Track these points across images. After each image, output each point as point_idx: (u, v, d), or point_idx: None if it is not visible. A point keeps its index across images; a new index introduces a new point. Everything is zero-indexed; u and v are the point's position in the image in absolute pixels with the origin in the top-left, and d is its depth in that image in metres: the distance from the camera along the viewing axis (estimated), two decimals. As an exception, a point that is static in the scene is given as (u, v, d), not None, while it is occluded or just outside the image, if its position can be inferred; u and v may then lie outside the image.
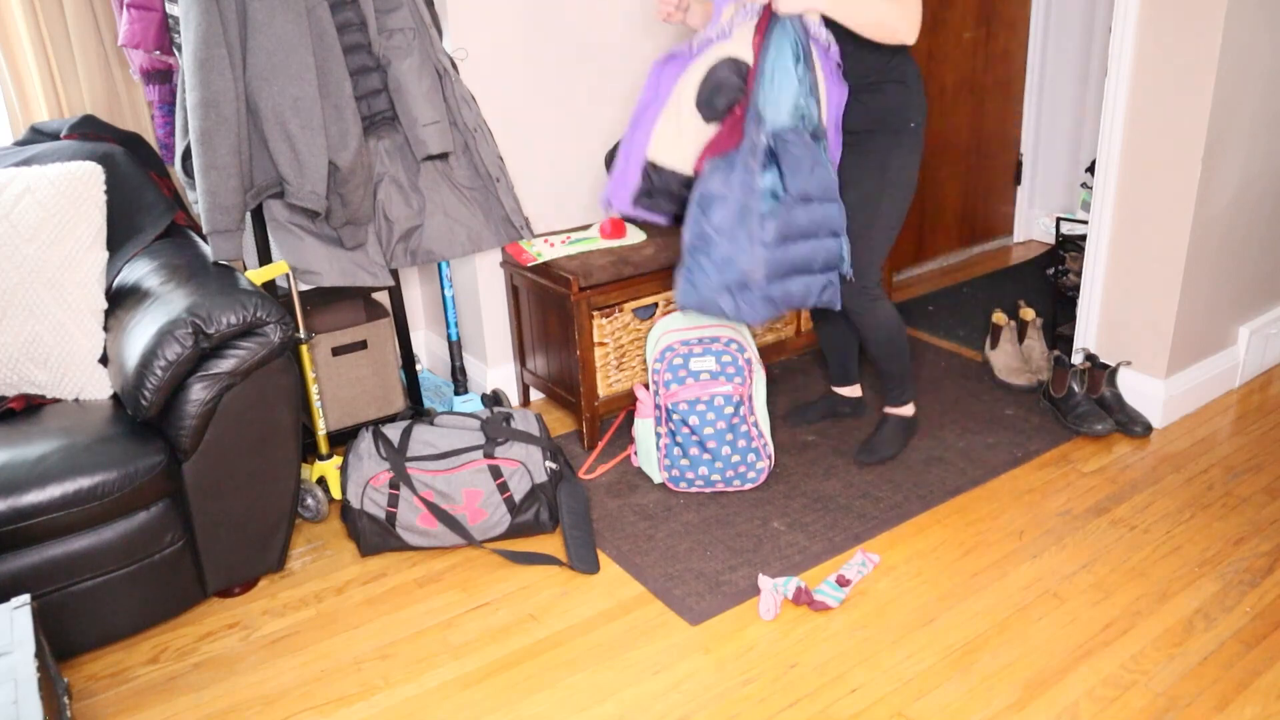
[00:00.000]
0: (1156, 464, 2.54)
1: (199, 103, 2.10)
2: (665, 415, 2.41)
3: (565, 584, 2.18)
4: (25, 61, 2.50)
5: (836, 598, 2.05)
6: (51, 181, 2.09)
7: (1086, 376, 2.72)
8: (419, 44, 2.36)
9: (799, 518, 2.37)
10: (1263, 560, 2.14)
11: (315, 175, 2.25)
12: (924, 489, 2.46)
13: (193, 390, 1.92)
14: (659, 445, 2.45)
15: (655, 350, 2.43)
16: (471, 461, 2.23)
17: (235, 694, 1.89)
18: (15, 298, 2.04)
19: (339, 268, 2.47)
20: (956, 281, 3.93)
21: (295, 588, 2.20)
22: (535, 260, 2.65)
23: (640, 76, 2.98)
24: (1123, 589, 2.07)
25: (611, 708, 1.81)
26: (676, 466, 2.43)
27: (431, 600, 2.14)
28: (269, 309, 1.97)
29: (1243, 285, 2.83)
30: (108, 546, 1.88)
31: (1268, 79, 2.54)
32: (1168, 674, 1.82)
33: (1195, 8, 2.35)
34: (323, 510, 2.44)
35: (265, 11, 2.12)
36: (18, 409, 2.05)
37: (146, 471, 1.88)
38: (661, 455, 2.45)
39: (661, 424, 2.44)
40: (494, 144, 2.52)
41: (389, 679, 1.92)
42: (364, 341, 2.68)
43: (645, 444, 2.52)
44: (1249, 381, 2.98)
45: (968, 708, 1.77)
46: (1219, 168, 2.52)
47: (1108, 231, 2.70)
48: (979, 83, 3.93)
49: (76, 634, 1.91)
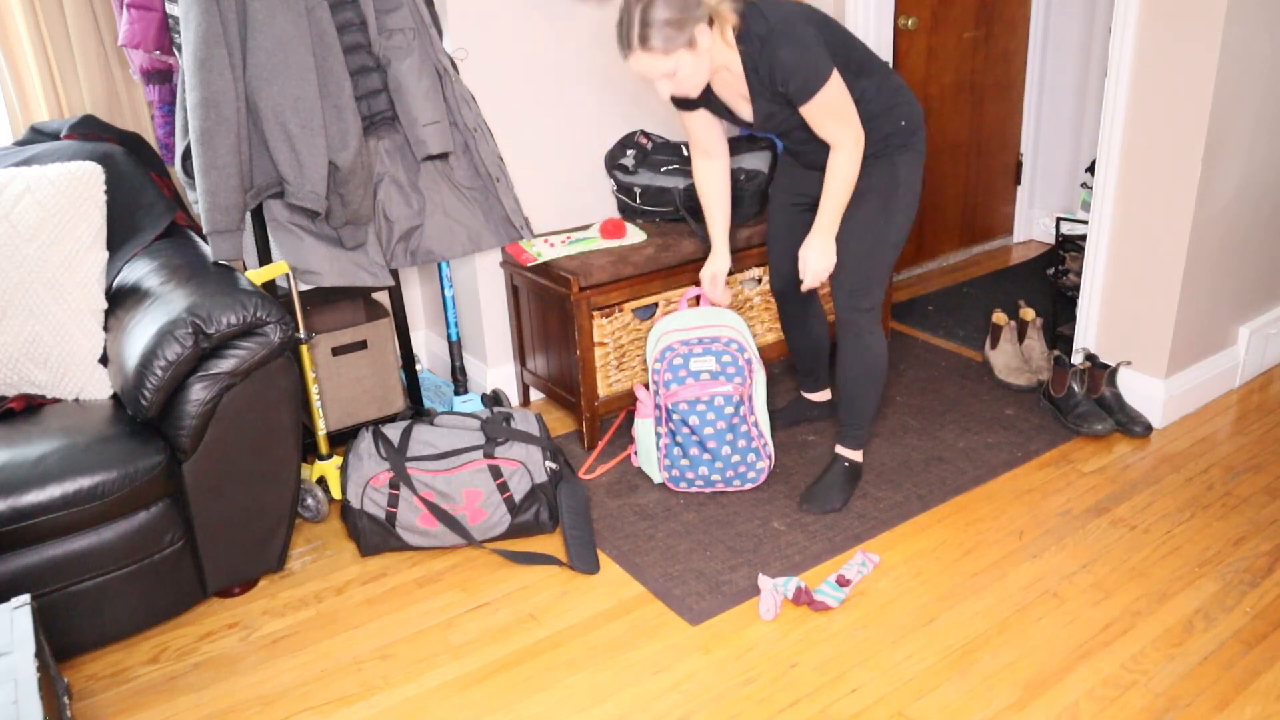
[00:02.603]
0: (1156, 464, 2.54)
1: (199, 103, 2.10)
2: (665, 415, 2.41)
3: (565, 584, 2.18)
4: (25, 61, 2.50)
5: (836, 598, 2.05)
6: (51, 181, 2.09)
7: (1086, 376, 2.72)
8: (419, 44, 2.36)
9: (799, 518, 2.37)
10: (1263, 560, 2.14)
11: (315, 175, 2.25)
12: (924, 489, 2.46)
13: (193, 390, 1.92)
14: (659, 445, 2.45)
15: (655, 350, 2.42)
16: (471, 461, 2.23)
17: (235, 694, 1.89)
18: (15, 298, 2.04)
19: (339, 268, 2.47)
20: (956, 281, 3.93)
21: (295, 588, 2.20)
22: (535, 260, 2.65)
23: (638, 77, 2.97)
24: (1123, 589, 2.07)
25: (611, 708, 1.81)
26: (676, 466, 2.43)
27: (431, 600, 2.14)
28: (269, 309, 1.97)
29: (1243, 285, 2.83)
30: (108, 546, 1.88)
31: (1268, 79, 2.54)
32: (1168, 674, 1.82)
33: (1195, 8, 2.35)
34: (323, 510, 2.44)
35: (265, 11, 2.12)
36: (18, 409, 2.05)
37: (146, 471, 1.88)
38: (661, 455, 2.45)
39: (662, 424, 2.44)
40: (494, 144, 2.52)
41: (389, 679, 1.92)
42: (364, 341, 2.68)
43: (645, 444, 2.52)
44: (1249, 381, 2.98)
45: (968, 708, 1.77)
46: (1219, 168, 2.52)
47: (1108, 231, 2.70)
48: (979, 83, 3.93)
49: (76, 634, 1.91)
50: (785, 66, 2.03)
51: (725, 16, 2.02)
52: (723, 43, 2.07)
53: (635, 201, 2.89)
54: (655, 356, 2.41)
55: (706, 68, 2.07)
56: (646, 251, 2.67)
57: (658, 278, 2.66)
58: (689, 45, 2.00)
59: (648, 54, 2.00)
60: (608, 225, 2.76)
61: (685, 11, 1.96)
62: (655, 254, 2.67)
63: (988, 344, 3.12)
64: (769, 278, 2.39)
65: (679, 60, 2.01)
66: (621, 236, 2.76)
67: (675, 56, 2.00)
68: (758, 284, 2.88)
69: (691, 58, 2.02)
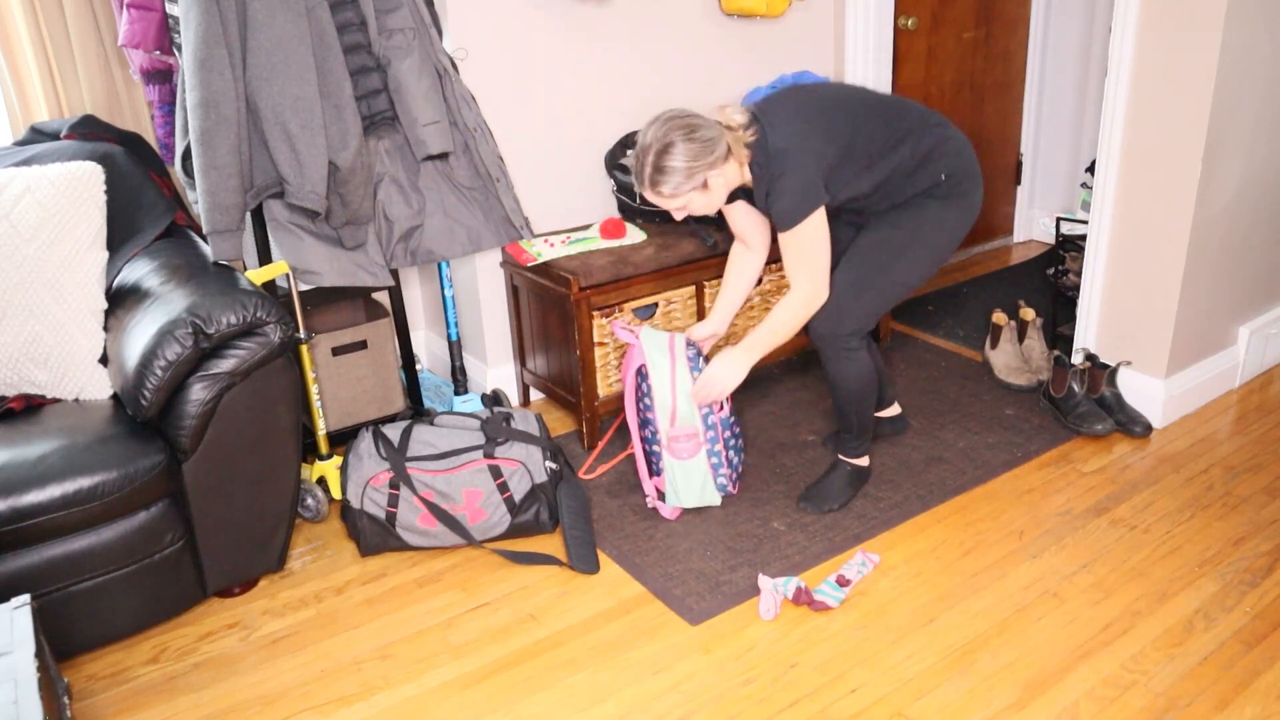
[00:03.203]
0: (1156, 464, 2.54)
1: (199, 103, 2.10)
2: (719, 431, 2.33)
3: (565, 584, 2.18)
4: (25, 61, 2.50)
5: (836, 598, 2.05)
6: (51, 181, 2.09)
7: (1086, 376, 2.72)
8: (419, 44, 2.36)
9: (799, 518, 2.37)
10: (1263, 560, 2.14)
11: (315, 175, 2.25)
12: (924, 489, 2.46)
13: (193, 390, 1.92)
14: (712, 464, 2.34)
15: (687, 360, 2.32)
16: (471, 461, 2.23)
17: (235, 694, 1.89)
18: (15, 298, 2.04)
19: (339, 268, 2.47)
20: (956, 281, 3.93)
21: (295, 588, 2.20)
22: (535, 260, 2.65)
23: (639, 76, 2.98)
24: (1123, 589, 2.07)
25: (611, 708, 1.81)
26: (732, 466, 2.40)
27: (431, 600, 2.14)
28: (269, 309, 1.97)
29: (1243, 285, 2.83)
30: (108, 546, 1.88)
31: (1268, 79, 2.54)
32: (1168, 674, 1.82)
33: (1195, 8, 2.35)
34: (323, 510, 2.44)
35: (265, 11, 2.12)
36: (18, 409, 2.05)
37: (146, 471, 1.88)
38: (724, 467, 2.36)
39: (718, 441, 2.33)
40: (494, 144, 2.52)
41: (389, 679, 1.92)
42: (364, 341, 2.68)
43: (691, 479, 2.34)
44: (1249, 381, 2.98)
45: (968, 708, 1.77)
46: (1219, 168, 2.52)
47: (1108, 231, 2.70)
48: (979, 83, 3.93)
49: (76, 634, 1.91)
50: (777, 190, 2.08)
51: (737, 147, 2.09)
52: (739, 170, 2.14)
53: (635, 201, 2.89)
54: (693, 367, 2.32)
55: (720, 198, 2.15)
56: (646, 251, 2.67)
57: (658, 278, 2.66)
58: (700, 188, 2.09)
59: (656, 195, 2.11)
60: (608, 225, 2.76)
61: (698, 159, 2.04)
62: (655, 254, 2.67)
63: (988, 344, 3.12)
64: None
65: (689, 199, 2.11)
66: (621, 236, 2.76)
67: (685, 197, 2.10)
68: (758, 284, 2.88)
69: (703, 198, 2.12)
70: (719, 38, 3.10)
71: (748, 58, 3.18)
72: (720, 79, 3.15)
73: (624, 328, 2.39)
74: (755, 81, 3.21)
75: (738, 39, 3.14)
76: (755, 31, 3.17)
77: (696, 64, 3.08)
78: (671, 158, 2.03)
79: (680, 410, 2.28)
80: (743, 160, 2.11)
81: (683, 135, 2.03)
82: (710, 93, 3.13)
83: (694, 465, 2.32)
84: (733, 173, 2.13)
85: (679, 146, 2.03)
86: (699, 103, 3.11)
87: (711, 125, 2.07)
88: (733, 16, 3.09)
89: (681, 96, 3.08)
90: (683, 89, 3.08)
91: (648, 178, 2.08)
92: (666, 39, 2.99)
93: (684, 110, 2.09)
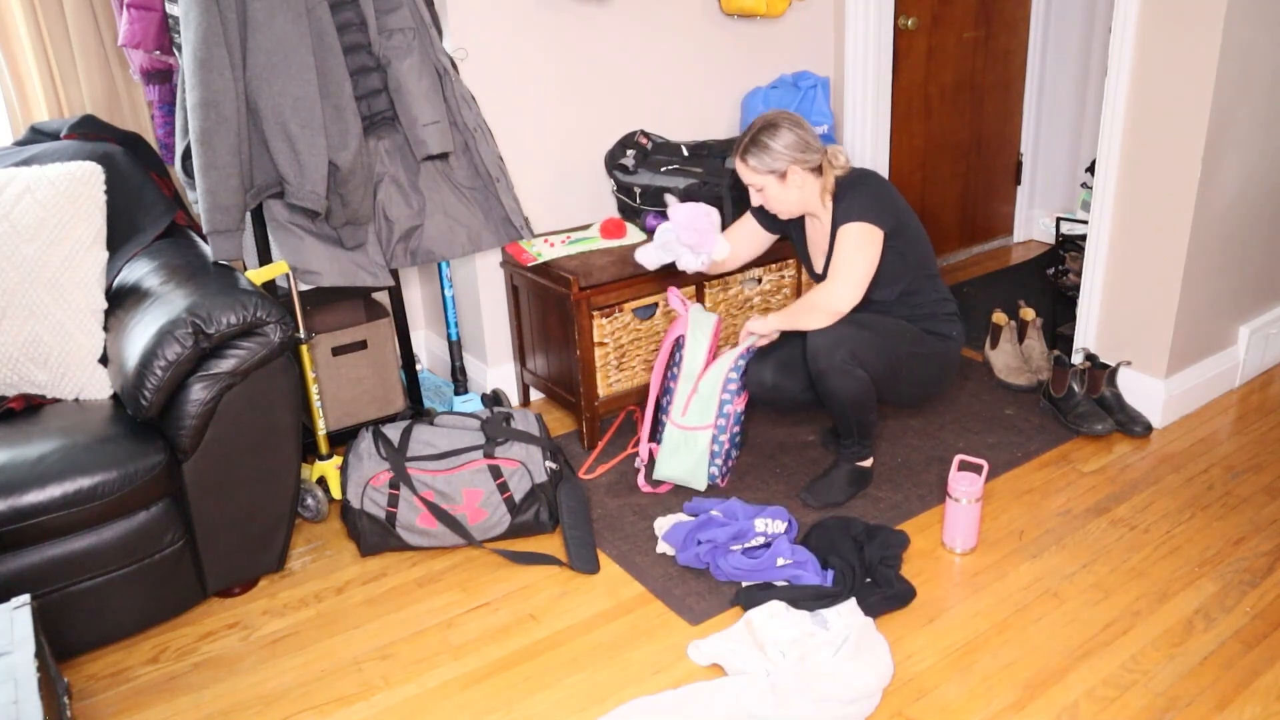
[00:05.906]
0: (1156, 464, 2.54)
1: (199, 103, 2.10)
2: (729, 422, 2.43)
3: (565, 584, 2.18)
4: (25, 61, 2.51)
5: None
6: (51, 181, 2.09)
7: (1086, 376, 2.72)
8: (419, 44, 2.36)
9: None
10: (1263, 560, 2.14)
11: (315, 175, 2.25)
12: (924, 489, 2.46)
13: (193, 390, 1.92)
14: (712, 451, 2.44)
15: (733, 352, 2.43)
16: (471, 461, 2.23)
17: (235, 694, 1.89)
18: (15, 298, 2.04)
19: (339, 268, 2.47)
20: (956, 281, 3.93)
21: (295, 588, 2.20)
22: (535, 260, 2.65)
23: (639, 76, 2.98)
24: (1123, 589, 2.07)
25: (611, 708, 1.81)
26: (727, 460, 2.48)
27: (431, 600, 2.14)
28: (269, 309, 1.97)
29: (1243, 285, 2.83)
30: (108, 546, 1.88)
31: (1268, 79, 2.54)
32: (1168, 674, 1.82)
33: (1195, 8, 2.35)
34: (323, 510, 2.44)
35: (265, 11, 2.12)
36: (18, 409, 2.05)
37: (146, 471, 1.88)
38: (719, 458, 2.45)
39: (726, 430, 2.42)
40: (494, 144, 2.52)
41: (389, 679, 1.92)
42: (364, 341, 2.68)
43: (687, 455, 2.43)
44: (1249, 381, 2.98)
45: (968, 708, 1.77)
46: (1219, 168, 2.52)
47: (1108, 231, 2.69)
48: (979, 83, 3.93)
49: (76, 634, 1.91)
50: (851, 197, 2.23)
51: (828, 173, 2.26)
52: (821, 193, 2.26)
53: (635, 201, 2.89)
54: (741, 354, 2.41)
55: (794, 202, 2.29)
56: (646, 251, 2.67)
57: (657, 278, 2.66)
58: (780, 177, 2.24)
59: (743, 165, 2.27)
60: (608, 225, 2.76)
61: (794, 151, 2.21)
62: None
63: (988, 344, 3.12)
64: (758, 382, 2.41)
65: (767, 183, 2.26)
66: (621, 236, 2.76)
67: (765, 178, 2.25)
68: (758, 284, 2.88)
69: (779, 188, 2.26)
70: (719, 38, 3.10)
71: (748, 58, 3.18)
72: (720, 79, 3.15)
73: (679, 297, 2.51)
74: (755, 81, 3.21)
75: (738, 39, 3.14)
76: (755, 31, 3.17)
77: (696, 64, 3.08)
78: (772, 136, 2.21)
79: (700, 391, 2.40)
80: (828, 188, 2.27)
81: (790, 125, 2.22)
82: (710, 93, 3.14)
83: (696, 439, 2.40)
84: (812, 188, 2.27)
85: (783, 130, 2.21)
86: (699, 102, 3.12)
87: (819, 143, 2.26)
88: (733, 16, 3.09)
89: (681, 96, 3.08)
90: (683, 89, 3.08)
91: (744, 146, 2.25)
92: (666, 39, 2.99)
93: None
